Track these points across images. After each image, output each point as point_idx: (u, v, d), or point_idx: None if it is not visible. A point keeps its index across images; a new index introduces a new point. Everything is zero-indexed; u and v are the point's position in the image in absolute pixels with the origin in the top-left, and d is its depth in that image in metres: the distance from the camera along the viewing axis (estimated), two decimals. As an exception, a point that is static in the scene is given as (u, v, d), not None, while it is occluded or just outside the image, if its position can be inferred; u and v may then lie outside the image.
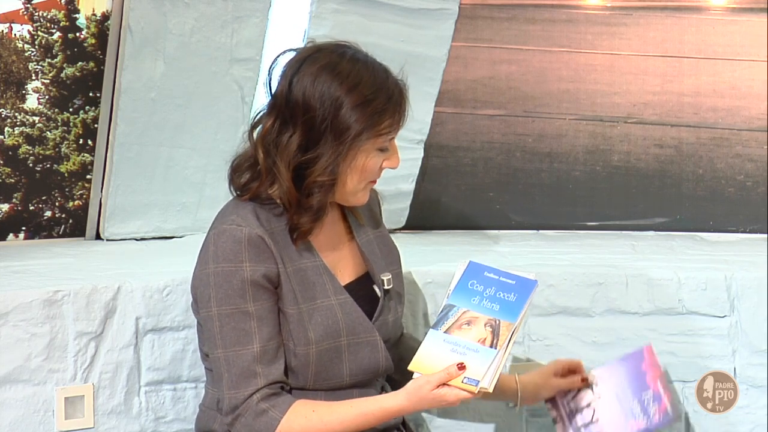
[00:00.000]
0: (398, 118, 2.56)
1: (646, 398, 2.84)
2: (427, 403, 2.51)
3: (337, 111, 2.50)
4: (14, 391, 2.80)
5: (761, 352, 3.21)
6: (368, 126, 2.51)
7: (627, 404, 2.86)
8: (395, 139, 2.61)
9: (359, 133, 2.50)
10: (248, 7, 3.21)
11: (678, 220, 3.75)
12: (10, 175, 3.28)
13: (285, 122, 2.53)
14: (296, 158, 2.52)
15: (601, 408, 2.88)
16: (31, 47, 3.21)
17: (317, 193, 2.53)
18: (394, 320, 2.67)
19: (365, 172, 2.56)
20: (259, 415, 2.48)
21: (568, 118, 3.69)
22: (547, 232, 3.72)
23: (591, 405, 2.89)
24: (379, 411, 2.52)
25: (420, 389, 2.49)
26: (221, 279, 2.50)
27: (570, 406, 2.91)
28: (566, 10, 3.65)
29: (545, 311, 3.20)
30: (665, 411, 2.82)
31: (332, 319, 2.56)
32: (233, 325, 2.50)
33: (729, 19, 3.67)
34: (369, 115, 2.51)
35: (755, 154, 3.72)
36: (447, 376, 2.49)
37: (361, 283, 2.67)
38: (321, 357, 2.55)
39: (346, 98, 2.50)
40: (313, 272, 2.58)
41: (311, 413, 2.51)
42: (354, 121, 2.50)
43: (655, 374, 2.88)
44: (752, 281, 3.23)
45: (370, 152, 2.55)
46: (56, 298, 2.82)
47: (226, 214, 2.59)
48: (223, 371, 2.51)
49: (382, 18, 3.29)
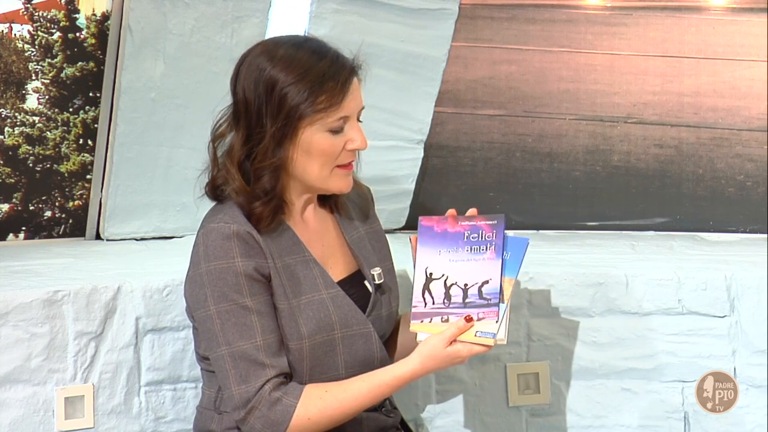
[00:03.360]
0: (340, 94, 2.50)
1: (467, 237, 2.61)
2: (441, 362, 2.50)
3: (271, 93, 2.49)
4: (14, 391, 2.80)
5: (761, 352, 3.21)
6: (302, 101, 2.48)
7: (464, 256, 2.61)
8: (356, 121, 2.54)
9: (293, 110, 2.48)
10: (248, 7, 3.21)
11: (678, 220, 3.75)
12: (10, 175, 3.28)
13: (236, 122, 2.55)
14: (242, 151, 2.52)
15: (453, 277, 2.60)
16: (31, 47, 3.21)
17: (265, 176, 2.52)
18: (388, 315, 2.66)
19: (320, 155, 2.52)
20: (273, 404, 2.47)
21: (568, 118, 3.69)
22: (547, 232, 3.72)
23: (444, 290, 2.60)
24: (393, 380, 2.51)
25: (433, 348, 2.48)
26: (215, 277, 2.50)
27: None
28: (566, 10, 3.65)
29: (545, 311, 3.20)
30: (490, 226, 2.61)
31: (324, 312, 2.56)
32: (234, 321, 2.49)
33: (729, 19, 3.67)
34: (301, 90, 2.48)
35: (755, 154, 3.72)
36: (458, 331, 2.49)
37: (353, 279, 2.67)
38: (315, 351, 2.55)
39: (278, 76, 2.49)
40: (303, 267, 2.58)
41: (325, 394, 2.50)
42: (288, 98, 2.48)
43: (445, 222, 2.62)
44: (752, 281, 3.23)
45: (317, 132, 2.51)
46: (56, 298, 2.82)
47: (213, 214, 2.59)
48: (228, 368, 2.50)
49: (382, 18, 3.29)
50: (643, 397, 3.23)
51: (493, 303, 2.52)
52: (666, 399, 3.22)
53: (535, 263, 3.28)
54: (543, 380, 3.20)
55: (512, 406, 3.20)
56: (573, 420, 3.22)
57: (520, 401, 3.20)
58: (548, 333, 3.21)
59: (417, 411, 3.17)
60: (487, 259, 2.55)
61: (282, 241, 2.57)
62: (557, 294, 3.20)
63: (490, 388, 3.19)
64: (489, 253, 2.56)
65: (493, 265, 2.55)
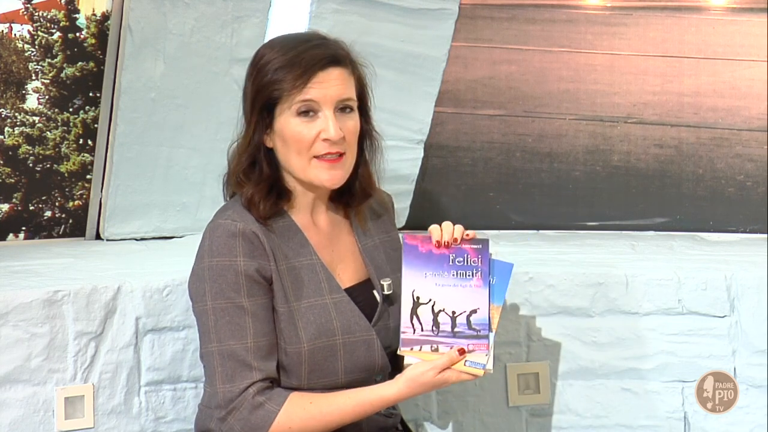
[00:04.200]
0: (302, 77, 2.52)
1: (452, 260, 2.60)
2: (428, 387, 2.53)
3: (251, 81, 2.57)
4: (14, 391, 2.80)
5: (761, 352, 3.21)
6: (265, 85, 2.54)
7: (450, 281, 2.59)
8: (331, 112, 2.54)
9: (262, 89, 2.54)
10: (248, 7, 3.21)
11: (678, 220, 3.75)
12: (10, 175, 3.28)
13: None
14: (242, 142, 2.59)
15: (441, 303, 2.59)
16: (31, 47, 3.21)
17: (255, 162, 2.58)
18: (395, 326, 2.66)
19: (294, 141, 2.54)
20: (255, 409, 2.48)
21: (568, 118, 3.69)
22: (547, 232, 3.73)
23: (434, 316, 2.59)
24: (378, 400, 2.53)
25: (422, 375, 2.50)
26: (216, 273, 2.51)
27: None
28: (566, 10, 3.65)
29: (545, 311, 3.20)
30: (475, 250, 2.61)
31: (325, 317, 2.56)
32: (228, 319, 2.50)
33: (729, 19, 3.67)
34: (264, 75, 2.54)
35: (755, 154, 3.72)
36: (449, 362, 2.51)
37: (363, 287, 2.67)
38: (314, 355, 2.55)
39: (255, 67, 2.57)
40: (308, 270, 2.58)
41: (309, 405, 2.51)
42: (257, 85, 2.55)
43: (429, 242, 2.60)
44: (752, 281, 3.23)
45: (289, 117, 2.54)
46: (56, 298, 2.82)
47: (223, 210, 2.60)
48: (216, 365, 2.50)
49: (382, 18, 3.29)
50: (643, 397, 3.23)
51: (483, 335, 2.55)
52: (666, 399, 3.22)
53: (535, 263, 3.28)
54: (543, 380, 3.20)
55: (512, 406, 3.20)
56: (573, 420, 3.22)
57: (520, 401, 3.20)
58: (548, 333, 3.21)
59: (417, 411, 3.17)
60: (473, 286, 2.57)
61: (291, 243, 2.58)
62: (557, 294, 3.20)
63: (490, 388, 3.19)
64: (476, 280, 2.58)
65: (481, 294, 2.57)
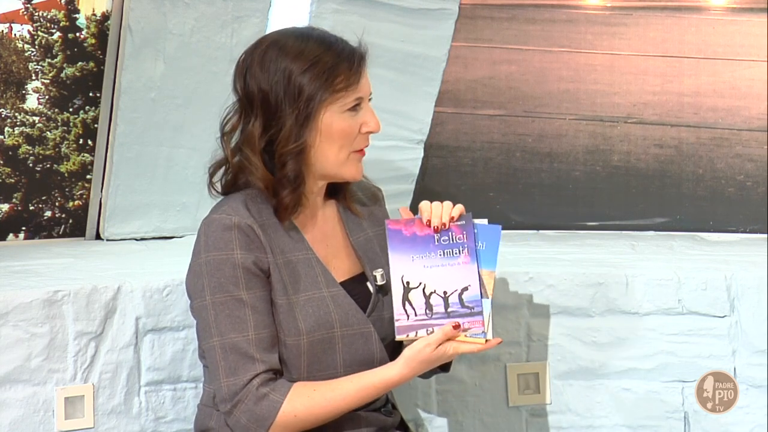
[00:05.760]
0: (355, 75, 2.55)
1: (438, 240, 2.59)
2: (427, 364, 2.52)
3: (288, 80, 2.53)
4: (14, 391, 2.80)
5: (761, 352, 3.21)
6: (321, 85, 2.53)
7: (438, 261, 2.57)
8: (368, 104, 2.58)
9: (314, 94, 2.52)
10: (248, 7, 3.21)
11: (678, 220, 3.75)
12: (10, 175, 3.28)
13: (247, 115, 2.57)
14: (262, 140, 2.55)
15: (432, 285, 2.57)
16: (31, 47, 3.21)
17: (290, 162, 2.55)
18: (390, 317, 2.67)
19: (340, 137, 2.55)
20: (260, 400, 2.48)
21: (568, 118, 3.69)
22: (547, 232, 3.72)
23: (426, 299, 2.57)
24: (380, 382, 2.53)
25: (420, 353, 2.50)
26: (213, 267, 2.51)
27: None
28: (566, 10, 3.65)
29: (545, 311, 3.20)
30: (459, 227, 2.58)
31: (324, 310, 2.56)
32: (228, 313, 2.50)
33: (729, 19, 3.67)
34: (319, 74, 2.53)
35: (755, 154, 3.72)
36: (444, 336, 2.51)
37: (357, 281, 2.67)
38: (313, 347, 2.55)
39: (293, 65, 2.53)
40: (305, 264, 2.59)
41: (313, 392, 2.51)
42: (306, 84, 2.52)
43: (413, 225, 2.59)
44: (752, 281, 3.23)
45: (336, 114, 2.55)
46: (56, 298, 2.82)
47: (217, 207, 2.60)
48: (219, 359, 2.50)
49: (382, 18, 3.29)
50: (643, 397, 3.22)
51: (477, 312, 2.53)
52: (666, 399, 3.22)
53: (535, 263, 3.28)
54: (543, 380, 3.21)
55: (512, 406, 3.20)
56: (573, 420, 3.22)
57: (519, 401, 3.20)
58: (548, 333, 3.21)
59: (417, 411, 3.17)
60: (462, 263, 2.55)
61: (286, 238, 2.58)
62: (557, 294, 3.20)
63: (490, 388, 3.20)
64: (463, 256, 2.56)
65: (470, 270, 2.55)
